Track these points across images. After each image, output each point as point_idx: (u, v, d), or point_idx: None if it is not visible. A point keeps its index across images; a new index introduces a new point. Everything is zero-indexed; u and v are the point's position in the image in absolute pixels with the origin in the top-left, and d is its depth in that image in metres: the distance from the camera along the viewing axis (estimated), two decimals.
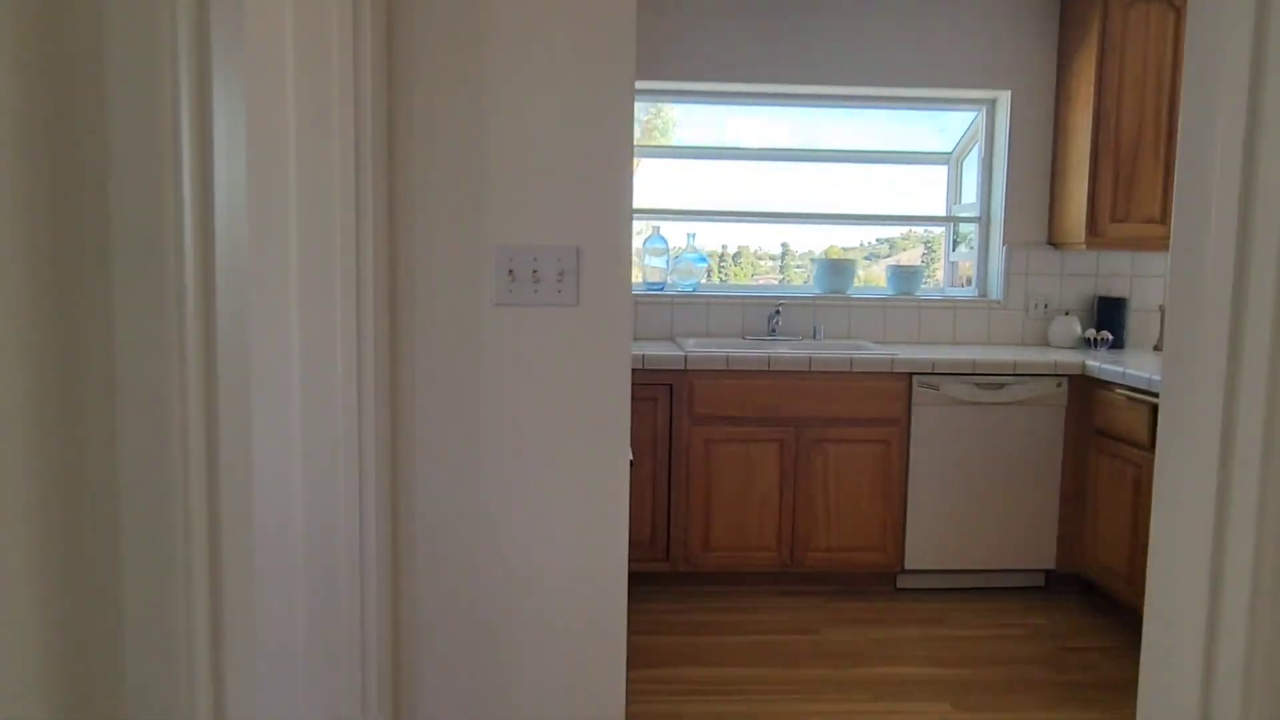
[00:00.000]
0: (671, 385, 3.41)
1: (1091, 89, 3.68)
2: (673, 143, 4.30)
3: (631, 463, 2.13)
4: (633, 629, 2.69)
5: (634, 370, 2.96)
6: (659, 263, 4.09)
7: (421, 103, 1.97)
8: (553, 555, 2.10)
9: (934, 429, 3.48)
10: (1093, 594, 3.57)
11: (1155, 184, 3.71)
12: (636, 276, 4.07)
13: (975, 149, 4.22)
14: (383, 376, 1.94)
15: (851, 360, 3.43)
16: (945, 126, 4.33)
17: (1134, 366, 3.22)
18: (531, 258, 2.00)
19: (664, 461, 3.43)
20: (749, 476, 3.47)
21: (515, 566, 2.09)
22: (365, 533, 1.88)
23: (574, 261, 2.02)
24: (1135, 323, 4.06)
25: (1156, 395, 3.02)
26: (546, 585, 2.10)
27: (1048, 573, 3.62)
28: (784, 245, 4.57)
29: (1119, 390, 3.25)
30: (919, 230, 4.55)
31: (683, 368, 3.40)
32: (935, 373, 3.45)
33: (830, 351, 3.55)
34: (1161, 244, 3.74)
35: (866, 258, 4.64)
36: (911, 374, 3.46)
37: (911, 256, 4.84)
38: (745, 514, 3.48)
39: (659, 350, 3.50)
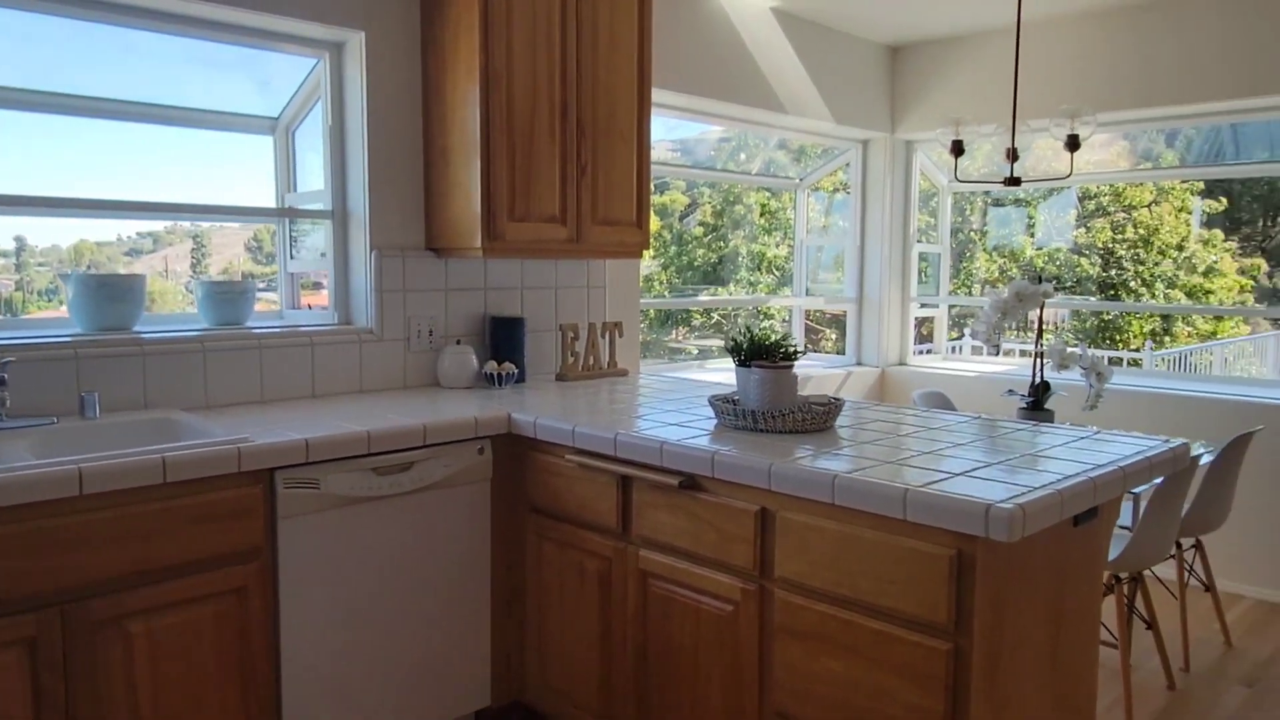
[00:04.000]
0: None
1: (476, 43, 2.71)
2: None
3: None
4: None
5: None
6: None
7: None
8: None
9: (315, 552, 2.17)
10: None
11: (553, 174, 2.92)
12: None
13: (314, 114, 2.96)
14: None
15: (165, 463, 1.91)
16: (270, 78, 2.97)
17: (559, 411, 2.36)
18: None
19: None
20: None
21: None
22: None
23: None
24: (534, 349, 3.27)
25: (625, 461, 2.18)
26: None
27: (478, 714, 2.60)
28: (18, 240, 2.78)
29: (569, 455, 2.35)
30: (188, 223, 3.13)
31: None
32: (312, 462, 2.14)
33: (119, 456, 1.96)
34: (562, 249, 2.98)
35: (127, 254, 3.11)
36: (274, 470, 2.09)
37: (179, 255, 3.42)
38: None
39: None
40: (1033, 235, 12.20)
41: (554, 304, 3.37)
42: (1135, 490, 2.88)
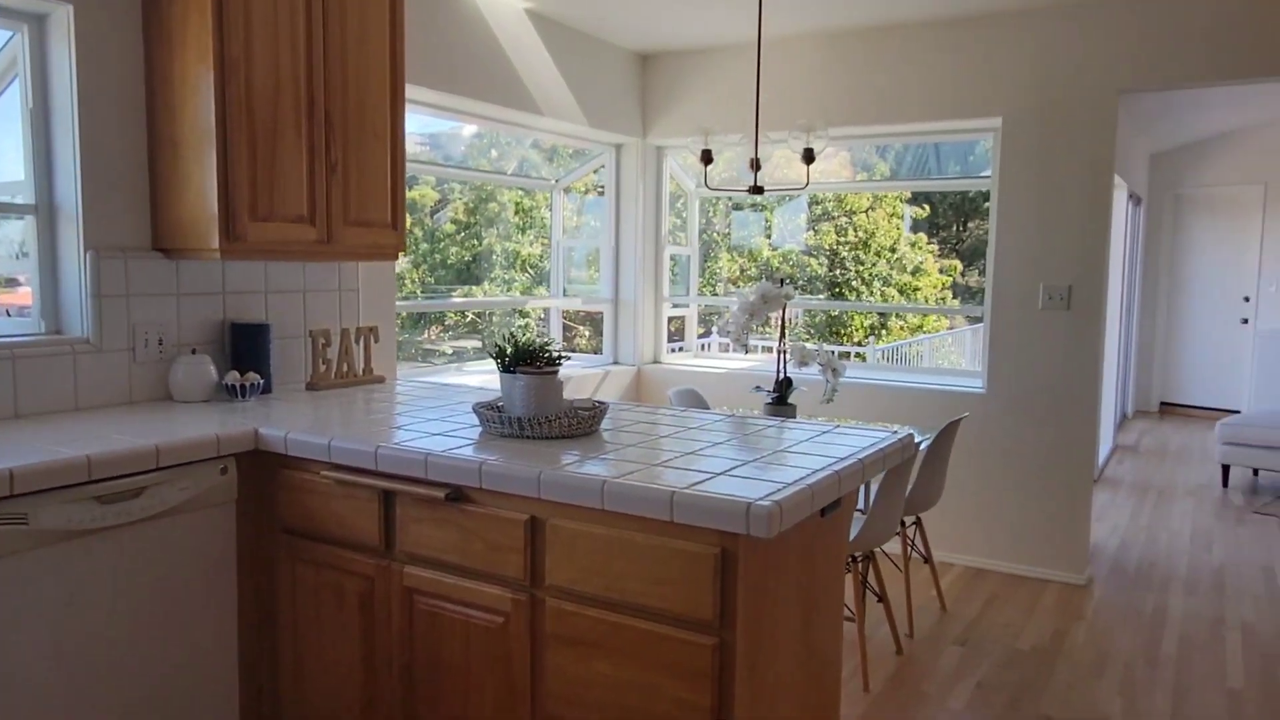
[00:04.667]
0: None
1: (209, 24, 2.49)
2: None
3: None
4: None
5: None
6: None
7: None
8: None
9: (26, 595, 1.91)
10: None
11: (300, 171, 2.74)
12: None
13: (12, 89, 2.59)
14: None
15: None
16: None
17: (312, 424, 2.23)
18: None
19: None
20: None
21: None
22: None
23: None
24: (281, 357, 3.06)
25: (387, 475, 2.10)
26: None
27: None
28: None
29: (325, 472, 2.22)
30: None
31: None
32: (18, 494, 1.87)
33: None
34: (311, 251, 2.81)
35: None
36: None
37: None
38: None
39: None
40: (769, 237, 13.07)
41: (303, 308, 3.17)
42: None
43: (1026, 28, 4.20)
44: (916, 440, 3.39)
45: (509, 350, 2.32)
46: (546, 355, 2.33)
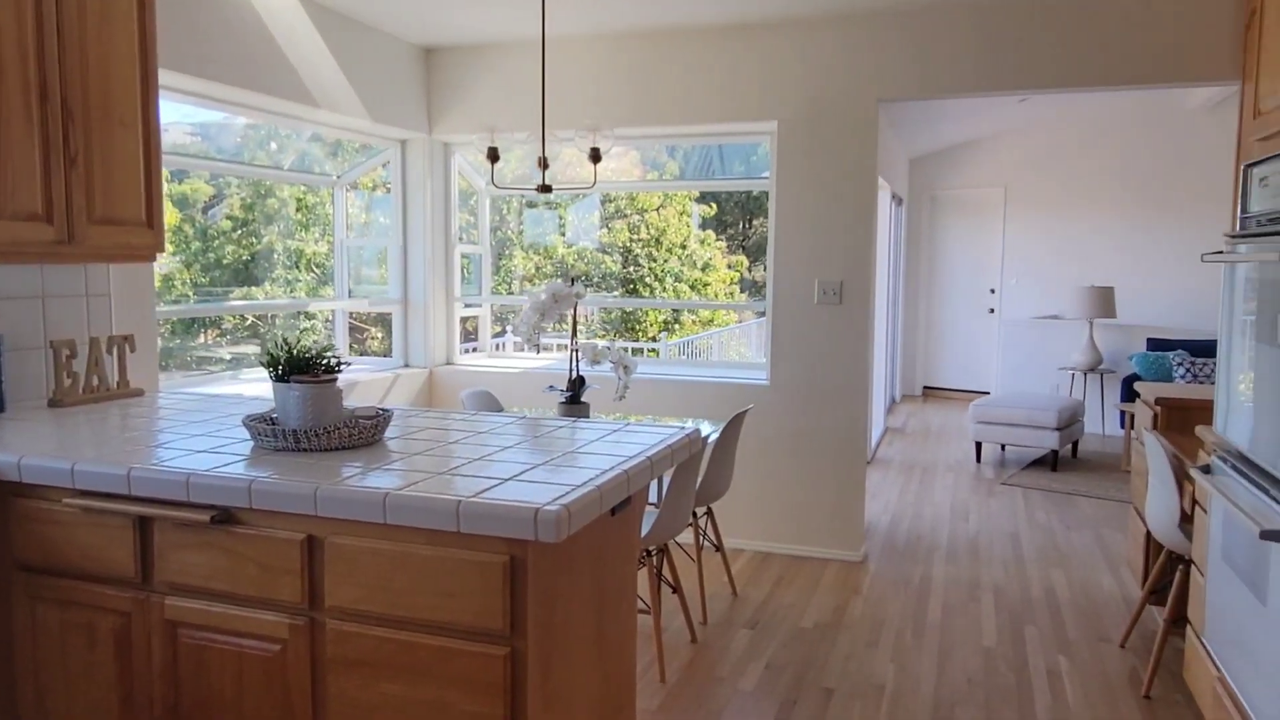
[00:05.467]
0: None
1: None
2: None
3: None
4: None
5: None
6: None
7: None
8: None
9: None
10: None
11: (33, 164, 2.46)
12: None
13: None
14: None
15: None
16: None
17: (53, 447, 2.00)
18: None
19: None
20: None
21: None
22: None
23: None
24: (16, 371, 2.73)
25: (143, 499, 1.92)
26: None
27: None
28: None
29: (68, 500, 2.00)
30: None
31: None
32: None
33: None
34: (49, 253, 2.52)
35: None
36: None
37: None
38: None
39: None
40: (564, 234, 13.12)
41: (41, 316, 2.84)
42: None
43: (797, 37, 4.43)
44: (704, 434, 3.50)
45: (282, 358, 2.18)
46: (324, 363, 2.21)
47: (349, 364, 2.39)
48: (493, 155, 3.60)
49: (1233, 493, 2.41)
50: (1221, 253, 2.53)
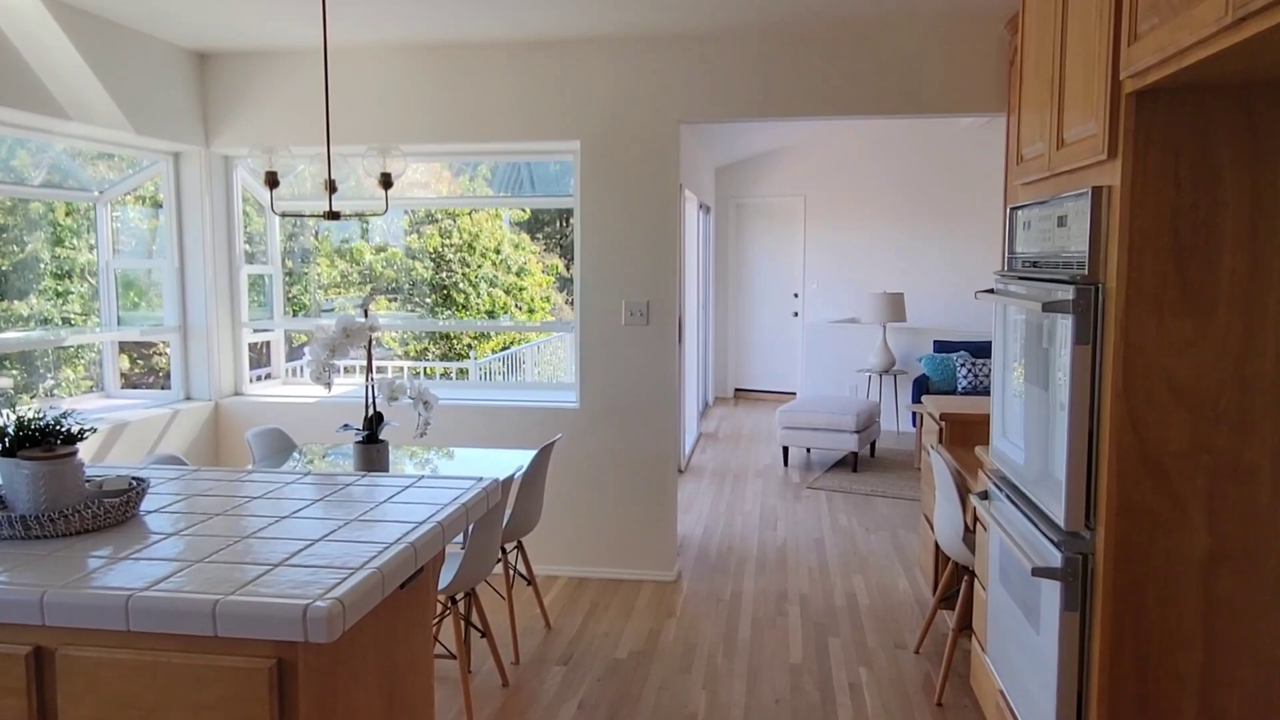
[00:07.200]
0: None
1: None
2: None
3: None
4: None
5: None
6: None
7: None
8: None
9: None
10: None
11: None
12: None
13: None
14: None
15: None
16: None
17: None
18: None
19: None
20: None
21: None
22: None
23: None
24: None
25: None
26: None
27: None
28: None
29: None
30: None
31: None
32: None
33: None
34: None
35: None
36: None
37: None
38: None
39: None
40: (368, 240, 12.59)
41: None
42: None
43: (599, 57, 4.38)
44: (510, 473, 3.39)
45: (10, 432, 1.90)
46: (62, 433, 1.95)
47: (92, 430, 2.12)
48: (271, 180, 3.33)
49: (1008, 521, 2.55)
50: (993, 290, 2.68)
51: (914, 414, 7.83)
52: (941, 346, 8.08)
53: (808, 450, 7.48)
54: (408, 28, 4.16)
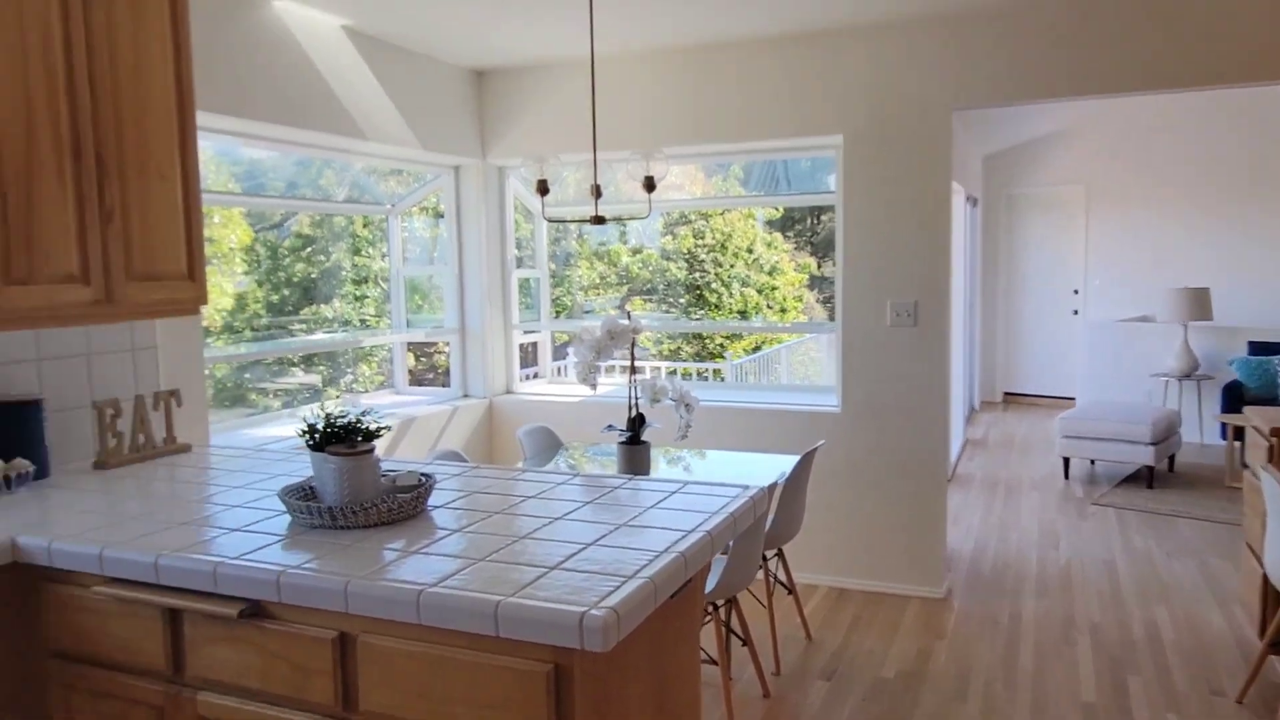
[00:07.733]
0: None
1: None
2: None
3: None
4: None
5: None
6: None
7: None
8: None
9: None
10: None
11: (67, 222, 2.38)
12: None
13: None
14: None
15: None
16: None
17: (94, 521, 1.90)
18: None
19: None
20: None
21: None
22: None
23: None
24: (60, 434, 2.67)
25: (172, 590, 1.81)
26: None
27: None
28: None
29: (98, 587, 1.90)
30: None
31: None
32: None
33: None
34: (87, 314, 2.45)
35: None
36: None
37: None
38: None
39: None
40: (625, 242, 12.98)
41: (87, 376, 2.78)
42: None
43: (862, 46, 4.18)
44: (773, 480, 3.29)
45: (319, 428, 2.06)
46: (362, 430, 2.08)
47: (388, 428, 2.26)
48: (542, 188, 3.45)
49: None
50: None
51: (1223, 425, 6.88)
52: (1258, 348, 7.06)
53: (1092, 462, 6.79)
54: (666, 31, 4.18)
